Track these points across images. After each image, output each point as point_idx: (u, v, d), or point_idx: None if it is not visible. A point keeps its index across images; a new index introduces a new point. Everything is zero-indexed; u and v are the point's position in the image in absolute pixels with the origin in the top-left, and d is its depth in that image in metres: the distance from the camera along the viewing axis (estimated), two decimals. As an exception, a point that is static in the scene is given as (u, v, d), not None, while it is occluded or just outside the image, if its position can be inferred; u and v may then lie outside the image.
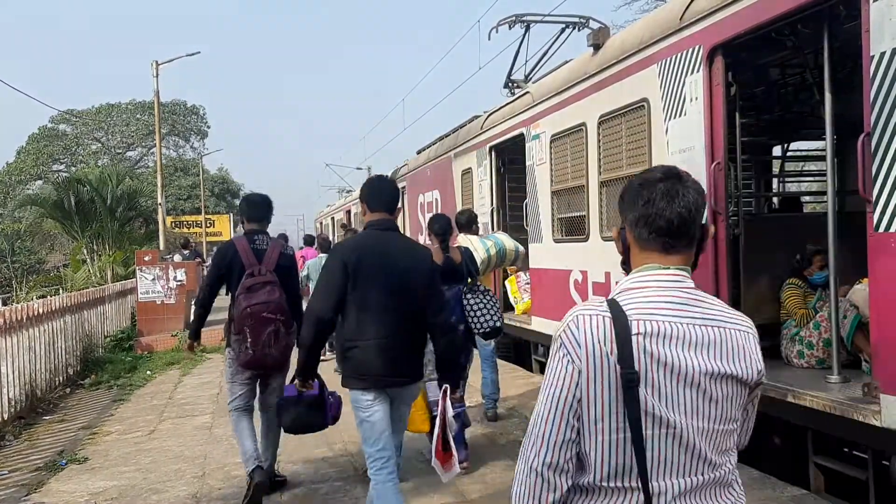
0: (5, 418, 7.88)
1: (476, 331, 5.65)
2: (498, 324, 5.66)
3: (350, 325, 3.87)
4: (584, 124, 7.50)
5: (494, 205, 10.57)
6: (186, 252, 18.02)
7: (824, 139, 10.15)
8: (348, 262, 3.83)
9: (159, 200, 22.25)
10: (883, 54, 4.03)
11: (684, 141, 5.80)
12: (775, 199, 9.42)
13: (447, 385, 3.61)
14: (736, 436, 1.76)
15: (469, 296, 5.64)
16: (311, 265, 10.12)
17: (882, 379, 4.17)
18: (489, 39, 12.05)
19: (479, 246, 6.57)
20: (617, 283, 1.78)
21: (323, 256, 9.76)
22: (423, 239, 14.02)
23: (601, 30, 7.59)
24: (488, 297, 5.67)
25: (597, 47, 7.39)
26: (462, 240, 6.65)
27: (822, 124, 7.23)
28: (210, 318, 5.51)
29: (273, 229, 5.84)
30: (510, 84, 11.57)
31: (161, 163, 23.65)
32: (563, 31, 10.89)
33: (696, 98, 5.61)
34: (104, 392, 10.03)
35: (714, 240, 5.52)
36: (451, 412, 3.85)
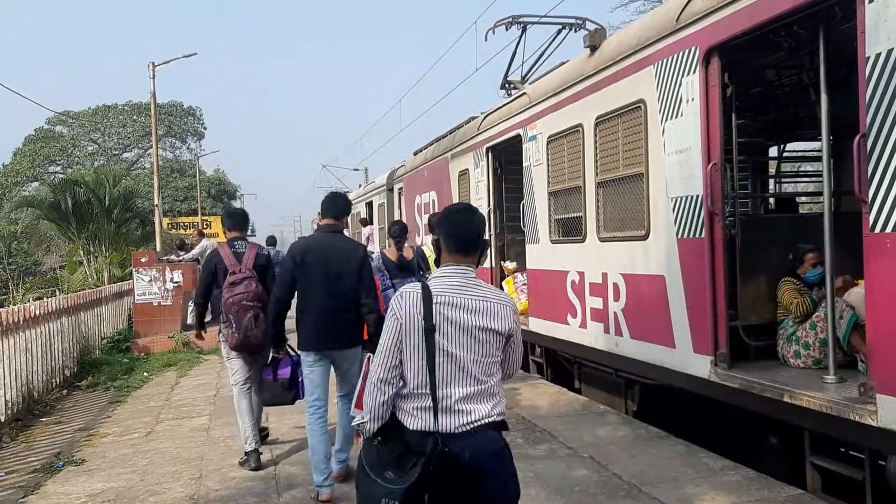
0: (2, 420, 7.86)
1: None
2: None
3: (299, 303, 5.28)
4: (580, 125, 7.51)
5: (491, 206, 10.58)
6: (183, 252, 17.97)
7: (820, 140, 10.19)
8: (296, 257, 5.26)
9: (156, 202, 22.23)
10: (878, 55, 4.04)
11: (681, 142, 5.81)
12: (771, 200, 9.44)
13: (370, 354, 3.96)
14: (501, 365, 2.90)
15: None
16: None
17: (878, 379, 4.18)
18: (486, 40, 12.08)
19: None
20: (614, 283, 2.39)
21: None
22: (421, 238, 14.08)
23: (598, 31, 7.60)
24: None
25: (593, 48, 7.40)
26: (431, 241, 6.93)
27: (817, 125, 7.25)
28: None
29: (269, 230, 6.37)
30: (507, 85, 11.59)
31: (158, 164, 23.62)
32: (559, 32, 10.91)
33: (693, 99, 5.62)
34: (101, 394, 10.01)
35: (710, 240, 5.53)
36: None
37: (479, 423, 2.75)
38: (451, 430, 2.71)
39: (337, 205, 5.55)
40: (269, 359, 6.04)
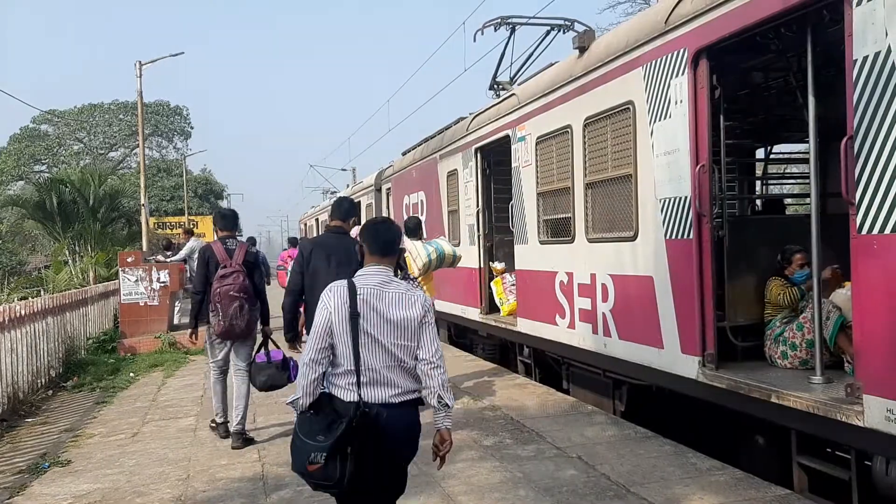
0: (-14, 421, 7.80)
1: None
2: None
3: (307, 291, 6.02)
4: (569, 126, 7.53)
5: (480, 206, 10.58)
6: (169, 253, 17.86)
7: (807, 142, 10.24)
8: (305, 251, 6.15)
9: (142, 201, 22.11)
10: (866, 58, 4.07)
11: (669, 143, 5.83)
12: (758, 202, 9.49)
13: None
14: (417, 346, 3.33)
15: None
16: None
17: (864, 379, 4.21)
18: (475, 41, 12.14)
19: (421, 250, 7.81)
20: (602, 284, 2.37)
21: None
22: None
23: (587, 32, 7.61)
24: None
25: (582, 50, 7.42)
26: (407, 243, 7.74)
27: (804, 127, 7.29)
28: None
29: (256, 230, 6.66)
30: (496, 86, 11.59)
31: (144, 163, 23.48)
32: (548, 33, 10.93)
33: (681, 101, 5.65)
34: (87, 394, 9.94)
35: (699, 241, 5.55)
36: None
37: (396, 396, 3.30)
38: (373, 400, 3.25)
39: (342, 207, 6.42)
40: (258, 347, 6.78)
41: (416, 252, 7.77)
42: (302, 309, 6.24)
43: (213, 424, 7.20)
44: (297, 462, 3.22)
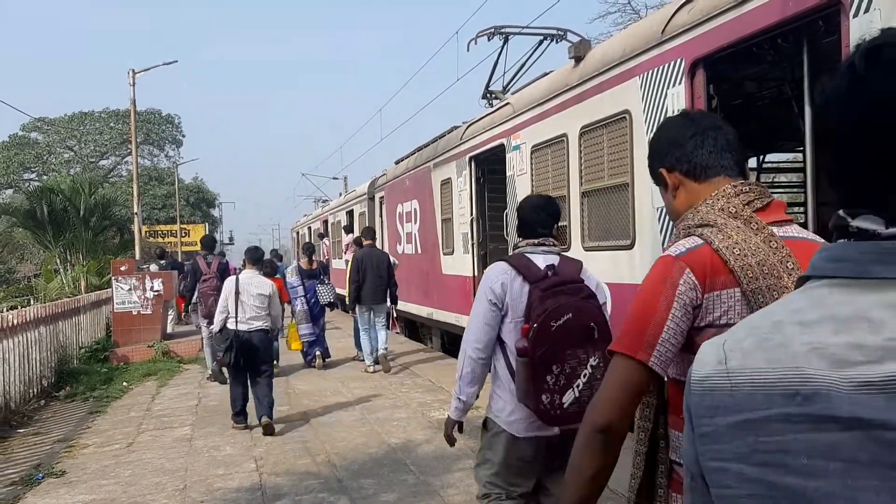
0: (-21, 432, 7.73)
1: (322, 302, 11.61)
2: (331, 300, 11.79)
3: (361, 283, 10.68)
4: (565, 135, 7.56)
5: (474, 214, 10.60)
6: (163, 262, 17.80)
7: (795, 151, 10.27)
8: (359, 260, 10.78)
9: (135, 210, 22.02)
10: (862, 69, 4.11)
11: (666, 152, 5.85)
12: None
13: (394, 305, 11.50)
14: (269, 310, 8.01)
15: (319, 286, 11.55)
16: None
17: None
18: (468, 51, 12.14)
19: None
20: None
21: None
22: (402, 248, 14.11)
23: (582, 42, 7.66)
24: (328, 286, 11.70)
25: (578, 59, 7.45)
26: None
27: (794, 136, 7.30)
28: (186, 329, 6.48)
29: (247, 238, 7.51)
30: (488, 95, 11.64)
31: (137, 172, 23.41)
32: (540, 43, 10.99)
33: (678, 110, 5.67)
34: (80, 404, 9.87)
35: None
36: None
37: (254, 327, 7.50)
38: (243, 329, 7.45)
39: (372, 231, 11.92)
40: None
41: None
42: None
43: (209, 374, 10.94)
44: (213, 356, 9.71)
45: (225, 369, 8.55)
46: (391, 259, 11.32)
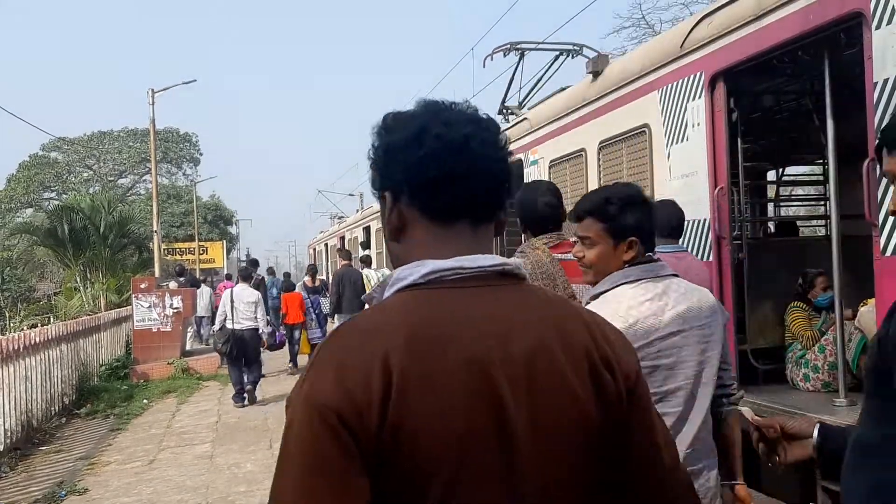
0: (1, 450, 7.78)
1: (324, 312, 13.38)
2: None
3: (340, 295, 11.98)
4: (584, 150, 7.55)
5: (493, 230, 10.57)
6: (182, 279, 17.91)
7: (816, 164, 10.20)
8: (338, 276, 12.36)
9: (154, 227, 22.20)
10: (886, 81, 4.08)
11: (687, 166, 5.84)
12: (771, 224, 9.47)
13: None
14: (256, 313, 11.29)
15: (322, 298, 13.49)
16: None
17: (892, 402, 4.16)
18: (484, 67, 12.19)
19: (373, 275, 11.65)
20: None
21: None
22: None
23: (600, 57, 7.66)
24: (329, 299, 13.16)
25: (596, 74, 7.45)
26: (365, 271, 12.26)
27: (814, 149, 7.22)
28: (203, 347, 5.94)
29: (264, 256, 6.71)
30: (504, 110, 11.64)
31: (157, 190, 23.61)
32: (556, 58, 10.99)
33: (698, 124, 5.66)
34: (100, 421, 9.92)
35: (718, 264, 5.54)
36: None
37: (246, 326, 10.32)
38: (239, 328, 10.24)
39: (348, 253, 11.51)
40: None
41: (370, 278, 11.63)
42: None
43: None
44: (216, 347, 11.05)
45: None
46: (364, 276, 13.10)
